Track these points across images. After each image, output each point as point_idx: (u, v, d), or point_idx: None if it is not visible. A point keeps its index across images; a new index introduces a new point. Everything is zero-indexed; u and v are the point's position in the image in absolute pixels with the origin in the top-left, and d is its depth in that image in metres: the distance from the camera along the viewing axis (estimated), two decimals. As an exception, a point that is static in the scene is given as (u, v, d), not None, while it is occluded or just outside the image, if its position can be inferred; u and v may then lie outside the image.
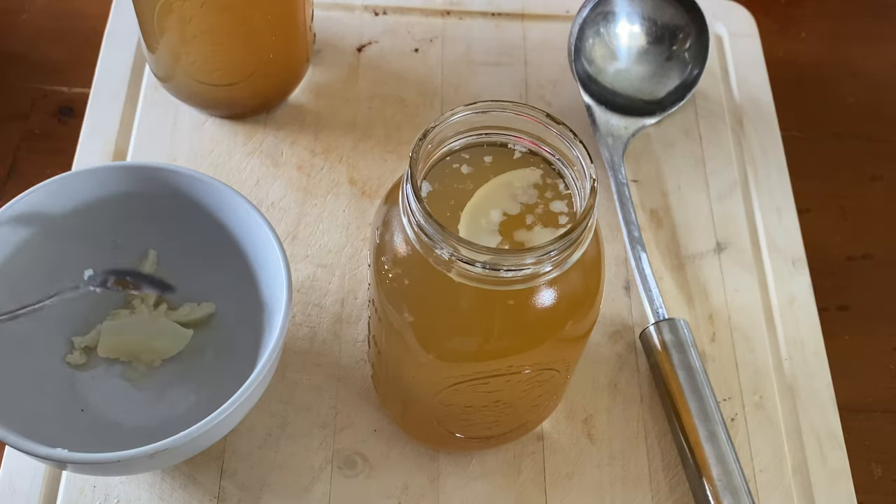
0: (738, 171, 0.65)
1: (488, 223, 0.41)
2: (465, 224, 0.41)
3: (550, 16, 0.72)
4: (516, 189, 0.42)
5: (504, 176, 0.42)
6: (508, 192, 0.42)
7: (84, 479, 0.52)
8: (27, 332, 0.52)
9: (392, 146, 0.64)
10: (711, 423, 0.52)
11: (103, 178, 0.52)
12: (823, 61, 0.75)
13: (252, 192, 0.62)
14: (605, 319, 0.58)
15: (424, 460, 0.53)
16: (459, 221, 0.41)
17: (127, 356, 0.53)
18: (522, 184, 0.42)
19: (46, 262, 0.52)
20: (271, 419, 0.54)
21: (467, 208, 0.42)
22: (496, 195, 0.42)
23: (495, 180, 0.42)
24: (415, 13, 0.71)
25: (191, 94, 0.63)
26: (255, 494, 0.51)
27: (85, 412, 0.52)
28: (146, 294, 0.55)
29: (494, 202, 0.42)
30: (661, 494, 0.53)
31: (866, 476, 0.56)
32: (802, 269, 0.61)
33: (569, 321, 0.43)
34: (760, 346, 0.58)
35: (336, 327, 0.57)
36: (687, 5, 0.65)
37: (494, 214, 0.42)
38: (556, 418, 0.55)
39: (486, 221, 0.41)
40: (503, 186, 0.42)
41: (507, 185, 0.42)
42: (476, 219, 0.41)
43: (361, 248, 0.60)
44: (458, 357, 0.43)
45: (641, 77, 0.65)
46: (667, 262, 0.61)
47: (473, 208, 0.42)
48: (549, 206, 0.42)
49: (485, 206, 0.42)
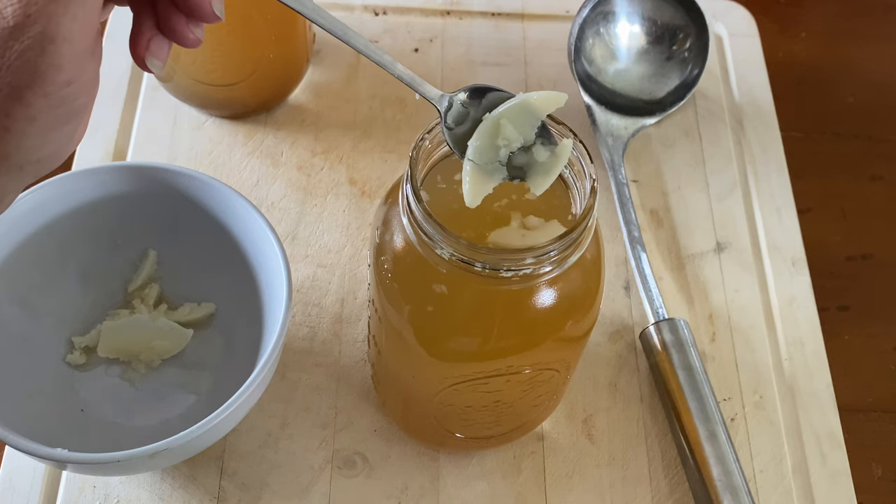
0: (738, 171, 0.65)
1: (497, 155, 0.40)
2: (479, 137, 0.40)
3: (550, 16, 0.72)
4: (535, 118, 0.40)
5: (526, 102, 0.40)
6: (528, 120, 0.40)
7: (84, 479, 0.52)
8: (27, 332, 0.52)
9: (392, 146, 0.64)
10: (711, 423, 0.52)
11: (103, 178, 0.52)
12: (823, 61, 0.75)
13: (252, 192, 0.62)
14: (605, 319, 0.58)
15: (424, 460, 0.53)
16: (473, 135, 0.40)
17: (127, 356, 0.53)
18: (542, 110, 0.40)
19: (46, 262, 0.52)
20: (271, 419, 0.54)
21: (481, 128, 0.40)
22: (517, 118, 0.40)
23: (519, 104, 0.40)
24: (415, 13, 0.71)
25: (191, 94, 0.63)
26: (255, 494, 0.51)
27: (85, 412, 0.52)
28: (146, 294, 0.55)
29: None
30: (661, 494, 0.53)
31: (866, 476, 0.56)
32: (802, 269, 0.61)
33: (569, 321, 0.43)
34: (760, 346, 0.58)
35: (336, 327, 0.57)
36: (687, 5, 0.65)
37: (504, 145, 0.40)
38: (556, 418, 0.55)
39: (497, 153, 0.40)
40: (524, 112, 0.40)
41: (527, 111, 0.40)
42: (492, 139, 0.40)
43: (361, 248, 0.60)
44: (458, 357, 0.43)
45: (641, 77, 0.65)
46: (667, 262, 0.61)
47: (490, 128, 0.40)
48: None
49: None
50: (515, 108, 0.40)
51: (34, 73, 0.33)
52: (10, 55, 0.32)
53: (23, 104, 0.33)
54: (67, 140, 0.36)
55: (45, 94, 0.33)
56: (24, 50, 0.32)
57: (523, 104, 0.40)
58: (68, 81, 0.34)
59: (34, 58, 0.32)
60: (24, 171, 0.35)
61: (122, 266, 0.55)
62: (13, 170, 0.35)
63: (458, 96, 0.41)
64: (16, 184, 0.35)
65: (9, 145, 0.34)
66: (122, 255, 0.55)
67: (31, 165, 0.35)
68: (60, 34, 0.33)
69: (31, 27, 0.32)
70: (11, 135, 0.33)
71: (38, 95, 0.33)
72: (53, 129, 0.35)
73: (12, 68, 0.32)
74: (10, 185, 0.35)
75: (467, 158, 0.40)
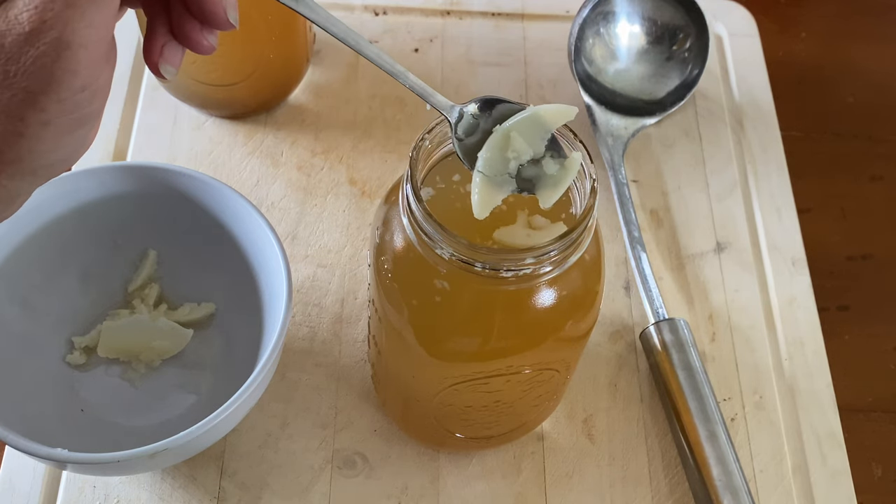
0: (738, 171, 0.65)
1: (506, 167, 0.40)
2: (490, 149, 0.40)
3: (550, 16, 0.72)
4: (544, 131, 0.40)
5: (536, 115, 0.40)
6: (538, 132, 0.40)
7: (84, 479, 0.52)
8: (27, 332, 0.52)
9: (392, 146, 0.64)
10: (711, 423, 0.52)
11: (103, 178, 0.52)
12: (823, 61, 0.75)
13: (252, 192, 0.62)
14: (605, 319, 0.58)
15: (424, 460, 0.53)
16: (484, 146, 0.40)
17: (127, 356, 0.53)
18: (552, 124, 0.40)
19: (46, 262, 0.52)
20: (271, 419, 0.54)
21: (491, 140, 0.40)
22: (527, 131, 0.40)
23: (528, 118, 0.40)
24: (415, 13, 0.71)
25: (191, 94, 0.63)
26: (255, 494, 0.51)
27: (85, 412, 0.52)
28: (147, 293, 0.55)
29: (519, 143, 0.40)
30: (661, 494, 0.53)
31: (866, 476, 0.56)
32: (802, 269, 0.61)
33: (569, 321, 0.43)
34: (760, 346, 0.58)
35: (336, 327, 0.57)
36: (687, 5, 0.65)
37: (514, 157, 0.40)
38: (556, 418, 0.55)
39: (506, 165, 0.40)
40: (534, 124, 0.40)
41: (537, 123, 0.40)
42: (502, 151, 0.40)
43: (361, 248, 0.60)
44: (458, 357, 0.43)
45: (641, 77, 0.65)
46: (667, 262, 0.61)
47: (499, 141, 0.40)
48: None
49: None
50: (526, 122, 0.40)
51: (49, 78, 0.33)
52: (25, 60, 0.32)
53: (37, 109, 0.33)
54: (80, 144, 0.36)
55: (60, 100, 0.33)
56: (39, 55, 0.32)
57: (533, 117, 0.40)
58: (83, 87, 0.34)
59: (50, 63, 0.33)
60: (36, 174, 0.35)
61: (122, 266, 0.55)
62: (26, 173, 0.35)
63: (469, 108, 0.40)
64: (28, 186, 0.36)
65: (22, 149, 0.34)
66: (122, 255, 0.55)
67: (44, 169, 0.35)
68: (76, 40, 0.33)
69: (48, 33, 0.32)
70: (25, 139, 0.34)
71: (52, 101, 0.33)
72: (67, 133, 0.35)
73: (28, 73, 0.32)
74: (22, 187, 0.35)
75: (477, 170, 0.40)
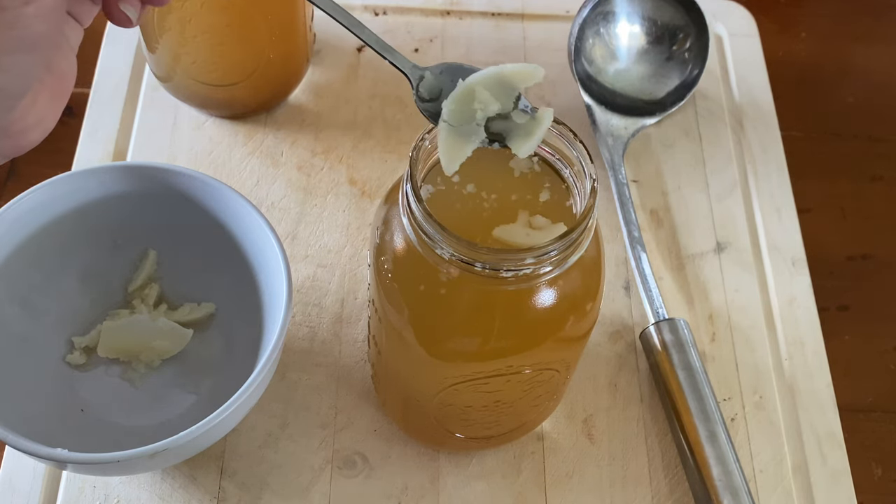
0: (738, 171, 0.65)
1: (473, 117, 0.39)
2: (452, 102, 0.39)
3: (550, 16, 0.72)
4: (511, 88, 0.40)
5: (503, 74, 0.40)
6: (504, 90, 0.40)
7: (84, 479, 0.52)
8: (27, 332, 0.52)
9: (392, 146, 0.64)
10: (711, 423, 0.52)
11: (103, 178, 0.52)
12: (823, 61, 0.75)
13: (252, 192, 0.62)
14: (605, 319, 0.58)
15: (424, 460, 0.53)
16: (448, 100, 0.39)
17: (127, 356, 0.53)
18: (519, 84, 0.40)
19: (46, 262, 0.52)
20: (271, 419, 0.54)
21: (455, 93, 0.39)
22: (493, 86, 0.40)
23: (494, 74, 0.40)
24: (415, 13, 0.71)
25: (191, 94, 0.63)
26: (255, 494, 0.51)
27: (85, 412, 0.52)
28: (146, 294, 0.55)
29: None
30: (661, 494, 0.53)
31: (866, 476, 0.56)
32: (802, 269, 0.61)
33: (569, 321, 0.43)
34: (760, 346, 0.58)
35: (336, 327, 0.57)
36: (687, 5, 0.65)
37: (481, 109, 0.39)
38: (556, 418, 0.55)
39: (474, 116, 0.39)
40: (499, 82, 0.40)
41: (503, 81, 0.40)
42: (467, 103, 0.39)
43: (361, 248, 0.60)
44: (458, 357, 0.43)
45: (641, 77, 0.65)
46: (667, 262, 0.61)
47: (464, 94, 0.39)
48: None
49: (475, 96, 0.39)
50: (491, 79, 0.39)
51: None
52: None
53: None
54: (22, 76, 0.34)
55: (2, 7, 0.31)
56: None
57: (498, 76, 0.39)
58: (26, 1, 0.32)
59: None
60: None
61: (122, 266, 0.55)
62: None
63: (432, 68, 0.40)
64: None
65: None
66: (122, 255, 0.55)
67: None
68: None
69: None
70: None
71: None
72: (4, 52, 0.33)
73: None
74: None
75: (441, 120, 0.39)
